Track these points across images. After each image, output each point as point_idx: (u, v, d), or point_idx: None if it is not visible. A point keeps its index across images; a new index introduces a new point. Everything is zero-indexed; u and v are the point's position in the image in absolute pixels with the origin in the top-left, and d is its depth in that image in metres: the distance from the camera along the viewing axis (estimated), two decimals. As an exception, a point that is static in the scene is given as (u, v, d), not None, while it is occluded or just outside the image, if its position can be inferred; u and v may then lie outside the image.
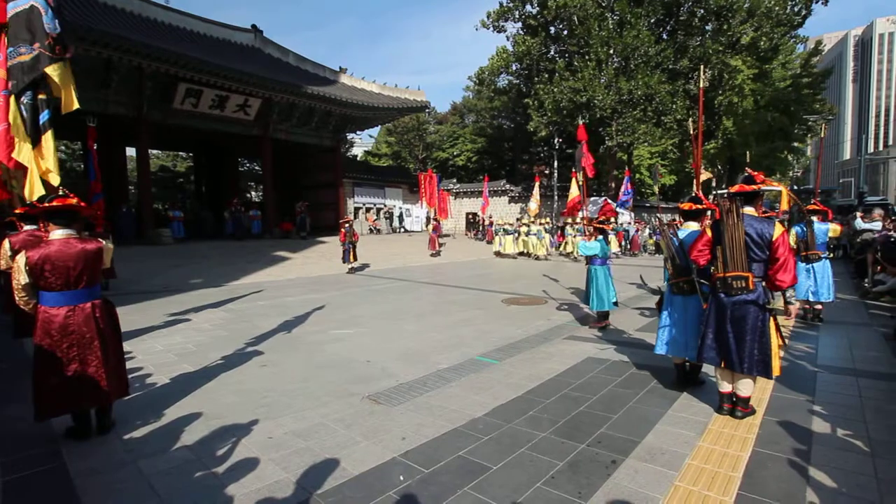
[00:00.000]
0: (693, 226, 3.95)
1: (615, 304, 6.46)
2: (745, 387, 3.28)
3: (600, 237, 6.39)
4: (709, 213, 4.00)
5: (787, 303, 5.67)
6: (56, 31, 4.68)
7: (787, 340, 3.29)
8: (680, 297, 3.87)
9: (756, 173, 3.39)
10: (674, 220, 6.34)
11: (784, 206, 8.23)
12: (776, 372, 3.16)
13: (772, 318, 3.17)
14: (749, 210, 3.21)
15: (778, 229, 3.14)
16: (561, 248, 19.55)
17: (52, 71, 4.73)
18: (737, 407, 3.32)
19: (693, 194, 4.28)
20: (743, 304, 3.16)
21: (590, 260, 6.48)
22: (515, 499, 2.40)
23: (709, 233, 3.34)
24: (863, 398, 3.68)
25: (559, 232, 20.85)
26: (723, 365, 3.28)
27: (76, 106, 4.87)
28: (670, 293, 3.97)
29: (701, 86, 6.13)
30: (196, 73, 15.48)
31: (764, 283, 3.20)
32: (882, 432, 3.08)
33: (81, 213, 3.21)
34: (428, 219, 19.37)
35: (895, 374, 4.26)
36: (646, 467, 2.69)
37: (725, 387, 3.35)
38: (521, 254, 18.61)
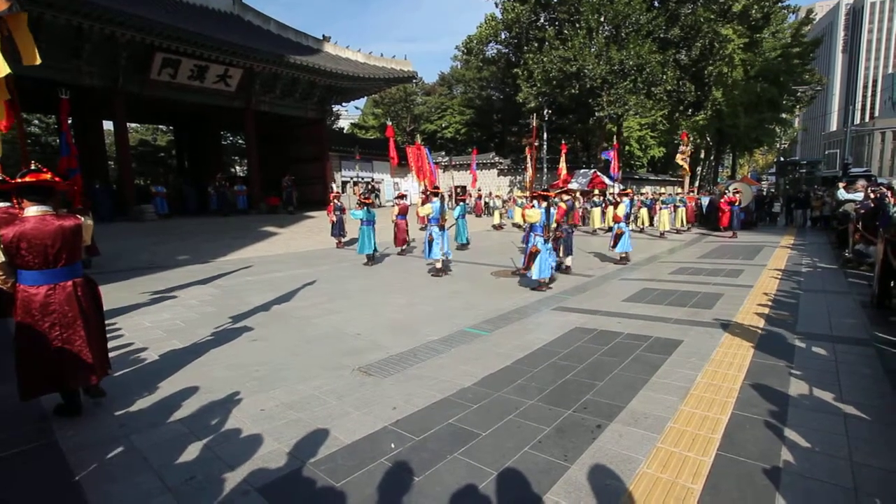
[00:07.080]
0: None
1: (375, 250, 10.28)
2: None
3: (365, 207, 10.16)
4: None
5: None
6: None
7: None
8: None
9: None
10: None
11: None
12: None
13: None
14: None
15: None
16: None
17: None
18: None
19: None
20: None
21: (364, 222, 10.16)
22: (504, 463, 2.48)
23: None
24: (838, 363, 3.82)
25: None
26: None
27: None
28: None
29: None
30: (172, 42, 14.80)
31: None
32: (855, 394, 3.21)
33: (57, 188, 3.11)
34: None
35: (870, 339, 4.42)
36: (630, 431, 2.79)
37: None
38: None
